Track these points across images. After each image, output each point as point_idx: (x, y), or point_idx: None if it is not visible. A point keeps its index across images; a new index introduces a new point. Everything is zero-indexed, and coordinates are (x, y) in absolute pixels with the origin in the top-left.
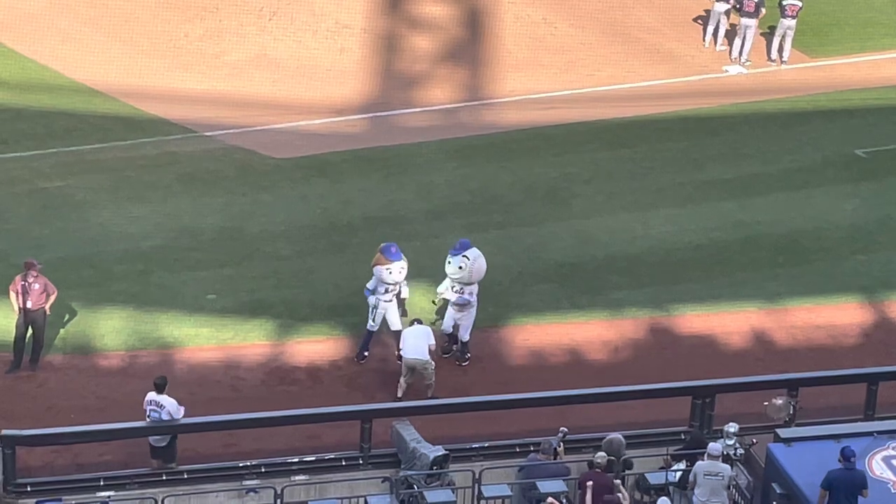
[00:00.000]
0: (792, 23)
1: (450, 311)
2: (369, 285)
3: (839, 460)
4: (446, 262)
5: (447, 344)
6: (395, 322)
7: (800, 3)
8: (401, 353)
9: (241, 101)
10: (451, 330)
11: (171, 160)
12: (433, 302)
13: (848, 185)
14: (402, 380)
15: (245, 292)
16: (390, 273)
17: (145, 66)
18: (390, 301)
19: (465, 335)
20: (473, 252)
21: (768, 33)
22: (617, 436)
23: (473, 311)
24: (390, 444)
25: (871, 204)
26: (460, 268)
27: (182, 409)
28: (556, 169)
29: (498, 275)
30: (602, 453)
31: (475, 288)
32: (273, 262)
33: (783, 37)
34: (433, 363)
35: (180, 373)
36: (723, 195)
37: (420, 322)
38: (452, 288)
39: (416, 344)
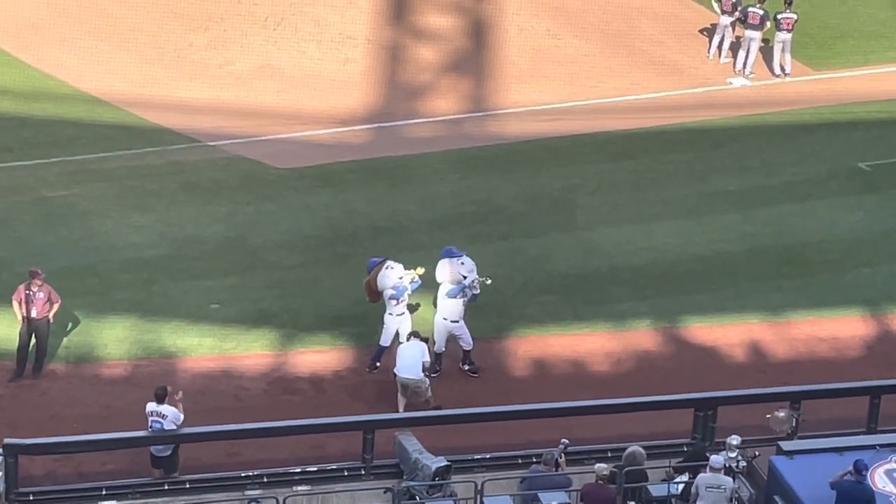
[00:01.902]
0: (787, 36)
1: (441, 325)
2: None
3: (850, 472)
4: (460, 263)
5: (434, 363)
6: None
7: (795, 16)
8: (395, 369)
9: (245, 111)
10: (443, 348)
11: (175, 169)
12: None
13: (851, 198)
14: (399, 396)
15: (248, 302)
16: (392, 269)
17: (150, 76)
18: (402, 314)
19: (466, 344)
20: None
21: (767, 48)
22: (637, 448)
23: (463, 320)
24: (392, 454)
25: (874, 216)
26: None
27: (182, 416)
28: (561, 180)
29: (501, 286)
30: (603, 465)
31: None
32: (277, 272)
33: (782, 50)
34: (427, 381)
35: (183, 382)
36: (727, 207)
37: (417, 336)
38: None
39: (411, 362)
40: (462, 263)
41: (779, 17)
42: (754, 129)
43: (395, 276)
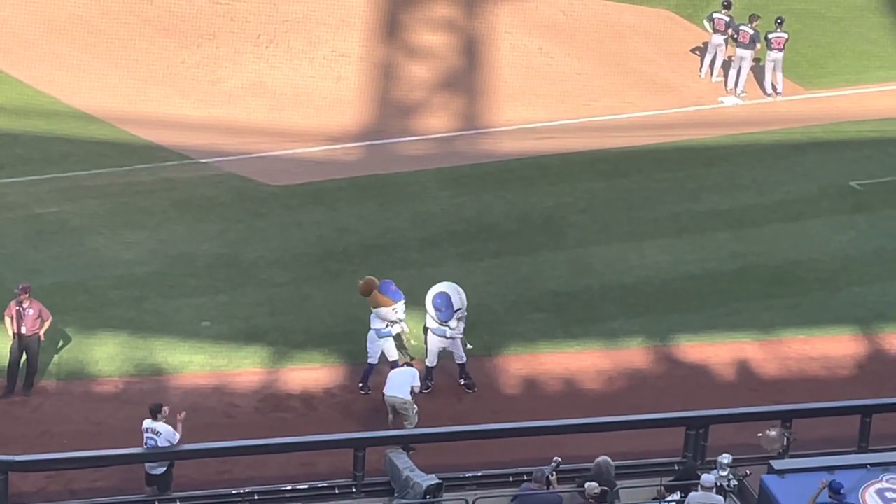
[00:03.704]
0: (779, 55)
1: (433, 341)
2: (377, 326)
3: (829, 495)
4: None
5: (426, 380)
6: (391, 353)
7: (785, 36)
8: (383, 392)
9: (237, 128)
10: (434, 363)
11: (167, 186)
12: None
13: (843, 217)
14: (389, 418)
15: (240, 319)
16: (396, 312)
17: (142, 93)
18: (387, 336)
19: (461, 357)
20: (455, 305)
21: (759, 67)
22: (604, 458)
23: (459, 336)
24: (383, 472)
25: (866, 235)
26: (460, 320)
27: (178, 435)
28: (552, 198)
29: (493, 304)
30: (593, 483)
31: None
32: (268, 289)
33: (773, 70)
34: (414, 407)
35: (174, 399)
36: (718, 225)
37: (410, 366)
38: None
39: (399, 383)
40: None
41: (770, 36)
42: (746, 147)
43: (392, 315)
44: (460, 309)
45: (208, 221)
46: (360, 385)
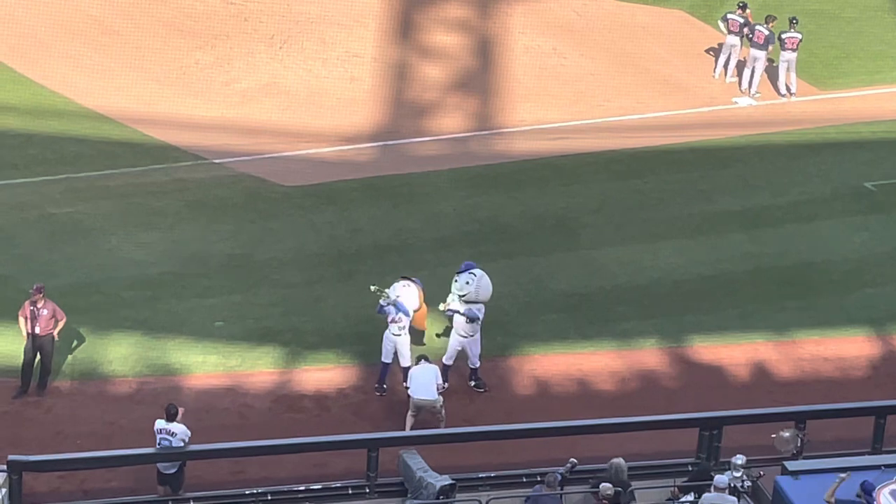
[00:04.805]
0: (792, 56)
1: (454, 339)
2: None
3: (857, 494)
4: (453, 282)
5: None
6: (405, 357)
7: (799, 36)
8: (408, 391)
9: (250, 129)
10: (451, 361)
11: (181, 187)
12: (441, 310)
13: (857, 218)
14: (409, 415)
15: (253, 319)
16: (405, 287)
17: (156, 93)
18: (399, 335)
19: (475, 362)
20: (479, 271)
21: (773, 67)
22: (617, 459)
23: (479, 336)
24: (397, 472)
25: (880, 236)
26: (467, 283)
27: (189, 434)
28: (565, 199)
29: (506, 304)
30: (607, 484)
31: (482, 309)
32: (281, 290)
33: (787, 70)
34: (441, 400)
35: (188, 400)
36: (732, 226)
37: (427, 359)
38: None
39: (425, 383)
40: (455, 281)
41: (783, 36)
42: (760, 148)
43: (396, 294)
44: (468, 293)
45: (221, 222)
46: (377, 386)
